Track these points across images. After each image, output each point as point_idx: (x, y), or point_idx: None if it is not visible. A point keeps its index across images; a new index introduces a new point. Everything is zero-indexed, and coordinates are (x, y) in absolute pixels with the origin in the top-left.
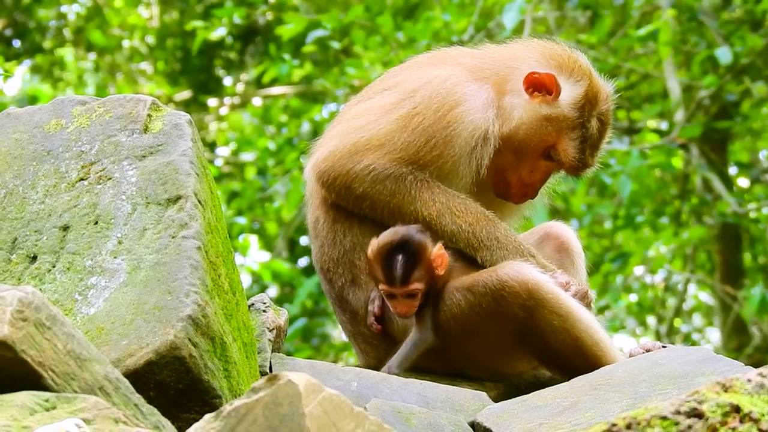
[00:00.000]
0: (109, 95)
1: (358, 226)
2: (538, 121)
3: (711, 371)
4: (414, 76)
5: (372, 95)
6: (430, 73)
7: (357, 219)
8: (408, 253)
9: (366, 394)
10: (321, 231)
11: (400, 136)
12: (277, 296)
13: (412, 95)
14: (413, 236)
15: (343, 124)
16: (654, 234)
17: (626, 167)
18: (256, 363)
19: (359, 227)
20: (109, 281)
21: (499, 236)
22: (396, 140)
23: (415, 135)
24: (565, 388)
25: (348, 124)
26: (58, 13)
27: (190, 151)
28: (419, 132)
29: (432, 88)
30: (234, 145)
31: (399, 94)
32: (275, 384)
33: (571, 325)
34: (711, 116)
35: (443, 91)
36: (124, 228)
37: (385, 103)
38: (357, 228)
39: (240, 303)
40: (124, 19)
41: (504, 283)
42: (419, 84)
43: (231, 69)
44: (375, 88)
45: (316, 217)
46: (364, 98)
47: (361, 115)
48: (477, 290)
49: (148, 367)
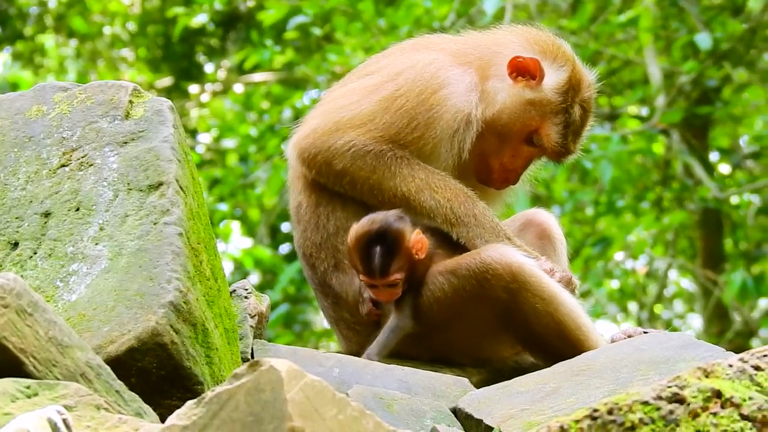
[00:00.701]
0: (90, 82)
1: (342, 210)
2: (522, 106)
3: (692, 357)
4: (397, 61)
5: (354, 80)
6: (413, 57)
7: (340, 203)
8: (386, 244)
9: (348, 380)
10: (303, 216)
11: (383, 116)
12: (259, 283)
13: (395, 78)
14: (391, 225)
15: (325, 105)
16: (635, 219)
17: (607, 153)
18: (237, 349)
19: (342, 211)
20: (90, 268)
21: (477, 213)
22: (378, 120)
23: (397, 116)
24: (546, 373)
25: (330, 105)
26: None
27: (171, 137)
28: (401, 113)
29: (415, 72)
30: (215, 131)
31: (382, 77)
32: (257, 370)
33: (554, 309)
34: (692, 102)
35: (426, 74)
36: (105, 214)
37: (367, 85)
38: (340, 212)
39: (222, 289)
40: (105, 5)
41: (488, 265)
42: (402, 67)
43: (212, 55)
44: (357, 74)
45: (298, 202)
46: (346, 83)
47: (343, 96)
48: (460, 273)
49: (130, 354)
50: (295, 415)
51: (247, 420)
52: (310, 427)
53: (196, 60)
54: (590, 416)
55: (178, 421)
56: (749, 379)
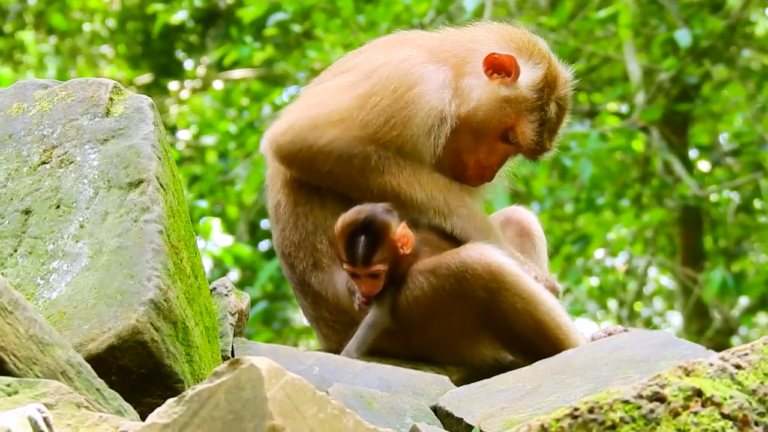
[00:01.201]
0: (70, 79)
1: (320, 209)
2: (497, 103)
3: (673, 355)
4: (372, 58)
5: (330, 77)
6: (388, 54)
7: (318, 201)
8: (371, 234)
9: (328, 378)
10: (282, 215)
11: (359, 113)
12: (239, 280)
13: (370, 75)
14: (377, 216)
15: (301, 102)
16: (615, 217)
17: (587, 150)
18: (218, 347)
19: (321, 210)
20: (71, 265)
21: (468, 205)
22: (354, 117)
23: (373, 114)
24: (526, 372)
25: (305, 102)
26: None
27: (152, 134)
28: (377, 111)
29: (390, 69)
30: (195, 128)
31: (357, 74)
32: (237, 368)
33: (533, 308)
34: (671, 99)
35: (401, 71)
36: (86, 212)
37: (343, 82)
38: (319, 210)
39: (202, 287)
40: (85, 2)
41: (467, 264)
42: (377, 65)
43: (192, 52)
44: (333, 71)
45: (277, 200)
46: (322, 80)
47: (318, 93)
48: (440, 272)
49: (111, 352)
50: (275, 414)
51: (228, 418)
52: (291, 426)
53: (176, 57)
54: (571, 415)
55: (159, 419)
56: (730, 378)
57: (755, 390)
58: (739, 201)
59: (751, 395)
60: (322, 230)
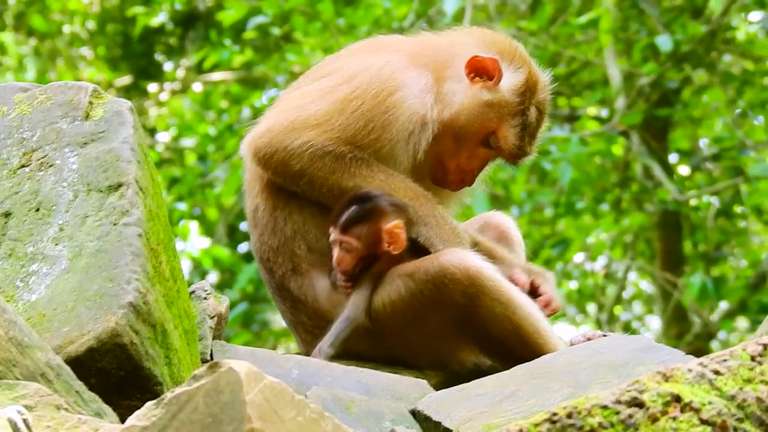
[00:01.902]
0: (49, 80)
1: (298, 213)
2: (480, 107)
3: (652, 360)
4: (352, 63)
5: (309, 82)
6: (368, 59)
7: (297, 206)
8: (361, 206)
9: (307, 381)
10: (260, 219)
11: (338, 117)
12: (218, 282)
13: (350, 80)
14: (378, 199)
15: (281, 105)
16: (594, 221)
17: (566, 154)
18: (197, 350)
19: (299, 214)
20: (50, 268)
21: (437, 215)
22: (334, 121)
23: (353, 118)
24: (505, 376)
25: (285, 105)
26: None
27: (131, 138)
28: (357, 116)
29: (371, 74)
30: (174, 130)
31: (337, 78)
32: (216, 372)
33: (512, 313)
34: (652, 104)
35: (382, 76)
36: (65, 215)
37: (323, 87)
38: (297, 215)
39: (181, 290)
40: (65, 4)
41: (446, 269)
42: (358, 69)
43: (171, 54)
44: (312, 76)
45: (255, 205)
46: (301, 85)
47: (298, 97)
48: (418, 277)
49: (90, 354)
50: (254, 417)
51: (206, 421)
52: (269, 429)
53: (155, 59)
54: (549, 420)
55: (138, 422)
56: (709, 384)
57: (734, 396)
58: (719, 205)
59: (730, 401)
60: (300, 235)
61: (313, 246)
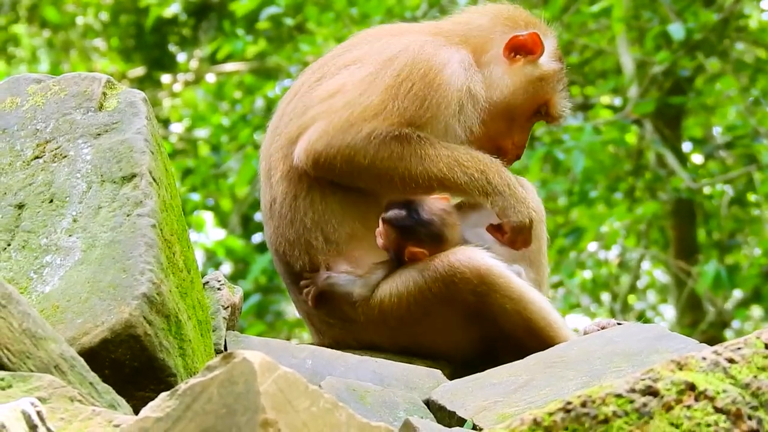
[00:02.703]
0: (63, 72)
1: (321, 202)
2: (532, 84)
3: (666, 349)
4: (384, 47)
5: (335, 72)
6: (401, 41)
7: (319, 194)
8: (404, 218)
9: (321, 371)
10: (277, 211)
11: (394, 103)
12: (231, 272)
13: (391, 64)
14: (420, 221)
15: (322, 105)
16: (608, 210)
17: (580, 143)
18: (210, 341)
19: (321, 203)
20: (64, 259)
21: (509, 183)
22: (391, 107)
23: (408, 101)
24: (519, 366)
25: (329, 104)
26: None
27: (144, 129)
28: (411, 97)
29: (412, 54)
30: (188, 121)
31: (374, 65)
32: (230, 362)
33: (523, 308)
34: (664, 92)
35: (425, 55)
36: (79, 206)
37: (363, 75)
38: (319, 203)
39: (195, 281)
40: None
41: (455, 269)
42: (394, 52)
43: (185, 45)
44: (333, 66)
45: (272, 197)
46: (325, 77)
47: (339, 92)
48: (427, 274)
49: (104, 345)
50: (268, 408)
51: (221, 412)
52: (283, 420)
53: (169, 50)
54: (564, 409)
55: (152, 413)
56: (723, 372)
57: (748, 384)
58: (733, 194)
59: (744, 389)
60: (319, 226)
61: (330, 237)
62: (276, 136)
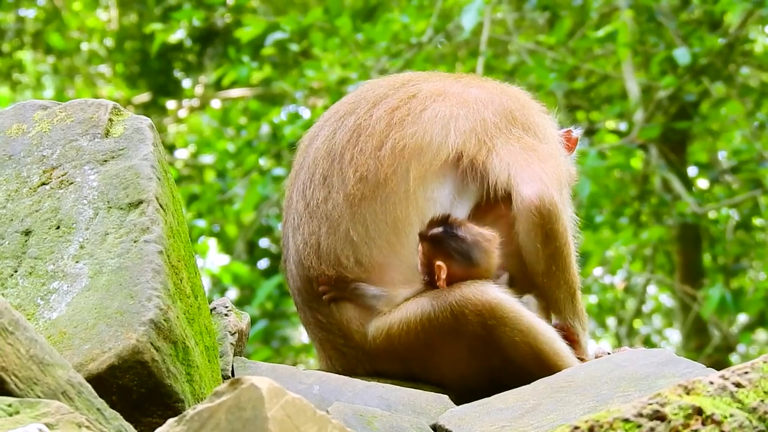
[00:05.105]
0: (68, 98)
1: (382, 212)
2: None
3: (672, 373)
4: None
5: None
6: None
7: (391, 201)
8: (443, 231)
9: (328, 397)
10: (322, 210)
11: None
12: (237, 298)
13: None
14: (460, 238)
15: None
16: (613, 234)
17: (585, 168)
18: (218, 367)
19: (383, 212)
20: (71, 286)
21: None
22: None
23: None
24: (527, 390)
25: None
26: (16, 16)
27: (151, 155)
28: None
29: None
30: (193, 147)
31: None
32: (238, 388)
33: (533, 339)
34: (670, 117)
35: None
36: (86, 232)
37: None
38: (381, 213)
39: (202, 307)
40: (83, 21)
41: (467, 300)
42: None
43: (190, 71)
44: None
45: (323, 195)
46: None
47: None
48: (437, 304)
49: (111, 372)
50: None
51: None
52: None
53: (174, 76)
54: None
55: None
56: (730, 396)
57: (755, 408)
58: (738, 218)
59: (752, 413)
60: (356, 244)
61: (361, 259)
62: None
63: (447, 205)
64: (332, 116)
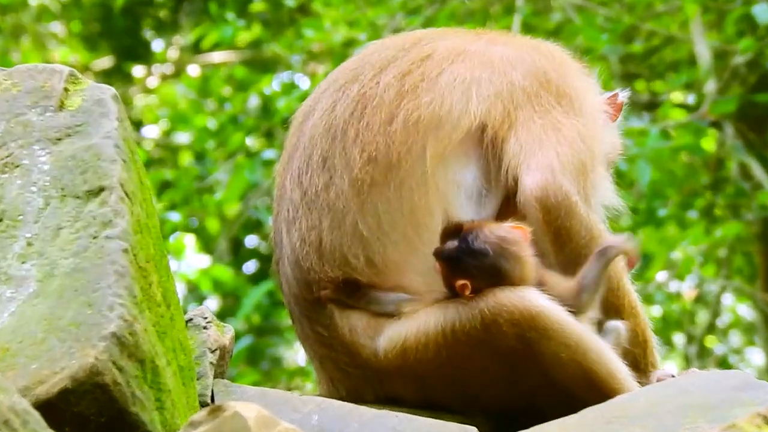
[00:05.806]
0: (13, 63)
1: (398, 199)
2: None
3: (750, 400)
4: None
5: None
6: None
7: (407, 187)
8: (456, 249)
9: (329, 428)
10: (323, 200)
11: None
12: (219, 309)
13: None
14: (478, 252)
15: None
16: (681, 232)
17: (645, 150)
18: (195, 391)
19: (399, 200)
20: (15, 291)
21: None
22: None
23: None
24: (572, 421)
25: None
26: None
27: (115, 132)
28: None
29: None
30: (166, 123)
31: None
32: (219, 416)
33: (582, 356)
34: (749, 87)
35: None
36: (34, 226)
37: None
38: (396, 201)
39: (175, 318)
40: None
41: (501, 307)
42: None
43: (162, 31)
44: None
45: (324, 181)
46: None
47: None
48: (464, 312)
49: (64, 397)
50: None
51: None
52: None
53: (142, 36)
54: None
55: None
56: None
57: None
58: None
59: None
60: (368, 241)
61: (372, 257)
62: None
63: (473, 191)
64: (331, 86)
